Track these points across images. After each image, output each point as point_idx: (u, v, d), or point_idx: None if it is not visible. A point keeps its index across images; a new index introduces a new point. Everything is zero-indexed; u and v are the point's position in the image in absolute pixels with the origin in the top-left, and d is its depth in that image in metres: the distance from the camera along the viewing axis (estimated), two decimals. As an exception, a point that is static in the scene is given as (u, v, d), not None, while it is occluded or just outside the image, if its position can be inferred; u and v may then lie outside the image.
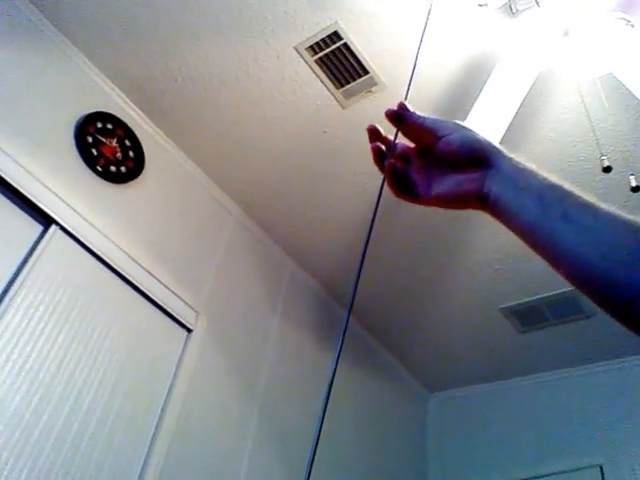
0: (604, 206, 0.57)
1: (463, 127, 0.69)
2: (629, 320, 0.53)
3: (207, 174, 3.01)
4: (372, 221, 0.70)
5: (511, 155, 0.66)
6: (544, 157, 2.70)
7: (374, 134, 0.75)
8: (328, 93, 2.62)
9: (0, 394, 1.92)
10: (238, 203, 3.13)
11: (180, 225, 2.82)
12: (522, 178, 0.63)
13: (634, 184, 2.16)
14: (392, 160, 0.74)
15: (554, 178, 0.62)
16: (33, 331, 2.08)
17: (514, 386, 3.76)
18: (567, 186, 0.60)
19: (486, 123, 2.23)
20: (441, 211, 2.90)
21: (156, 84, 2.69)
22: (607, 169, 2.23)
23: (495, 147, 0.67)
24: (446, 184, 0.68)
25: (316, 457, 0.57)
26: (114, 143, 2.59)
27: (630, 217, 0.55)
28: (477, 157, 0.66)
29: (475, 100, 2.20)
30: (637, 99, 2.23)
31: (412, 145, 0.74)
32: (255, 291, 3.09)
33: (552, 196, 0.60)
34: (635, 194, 2.57)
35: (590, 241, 0.56)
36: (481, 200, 0.66)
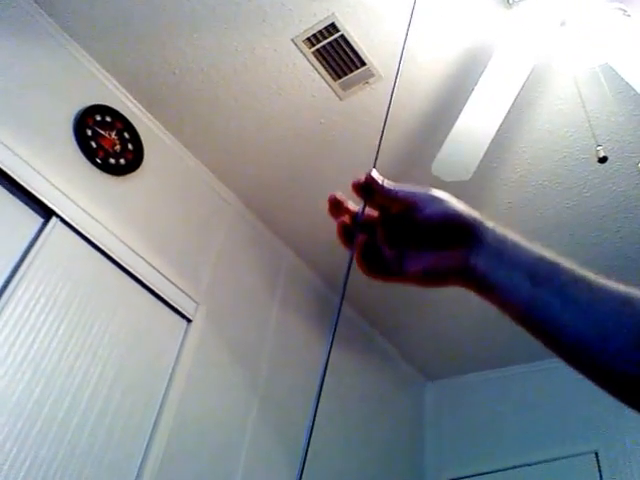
0: (594, 278, 0.54)
1: (441, 199, 0.63)
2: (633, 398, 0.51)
3: (206, 165, 3.03)
4: (362, 211, 0.66)
5: (493, 225, 0.62)
6: (540, 148, 2.72)
7: (335, 205, 0.67)
8: (325, 85, 2.63)
9: (2, 385, 1.94)
10: (237, 194, 3.15)
11: (179, 216, 2.84)
12: (508, 252, 0.59)
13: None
14: (361, 235, 0.67)
15: (539, 247, 0.58)
16: (34, 323, 2.09)
17: (511, 374, 3.78)
18: (554, 256, 0.57)
19: (482, 115, 2.25)
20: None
21: (154, 77, 2.70)
22: (603, 159, 2.24)
23: (476, 219, 0.62)
24: (424, 260, 0.63)
25: (313, 445, 0.56)
26: (113, 136, 2.60)
27: (624, 289, 0.53)
28: (458, 232, 0.61)
29: (471, 92, 2.21)
30: (633, 89, 2.24)
31: (375, 213, 0.67)
32: (254, 282, 3.11)
33: (543, 272, 0.56)
34: (630, 184, 2.60)
35: (588, 322, 0.52)
36: (465, 277, 0.61)
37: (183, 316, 2.62)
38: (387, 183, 0.65)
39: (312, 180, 3.04)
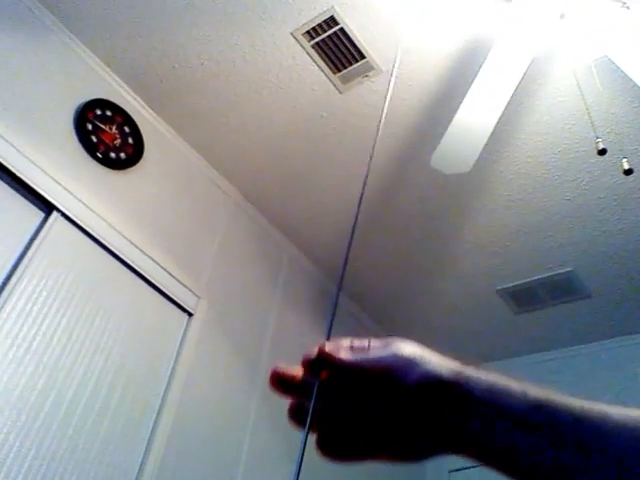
0: (598, 411, 0.48)
1: (414, 361, 0.53)
2: None
3: (206, 159, 3.04)
4: (359, 204, 0.62)
5: (476, 374, 0.52)
6: (539, 141, 2.72)
7: (278, 381, 0.59)
8: (325, 78, 2.64)
9: (6, 378, 1.95)
10: (237, 187, 3.16)
11: (180, 210, 2.85)
12: (502, 409, 0.50)
13: (627, 167, 2.18)
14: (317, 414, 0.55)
15: (532, 390, 0.50)
16: (37, 316, 2.11)
17: (510, 366, 3.80)
18: (551, 396, 0.49)
19: (481, 108, 2.25)
20: (437, 195, 2.91)
21: (154, 71, 2.70)
22: (602, 152, 2.23)
23: (457, 376, 0.52)
24: (403, 436, 0.54)
25: (310, 444, 0.54)
26: (113, 130, 2.61)
27: (632, 417, 0.47)
28: (441, 396, 0.52)
29: (470, 85, 2.22)
30: (632, 82, 2.24)
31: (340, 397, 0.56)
32: (255, 274, 3.13)
33: (540, 422, 0.48)
34: (627, 177, 2.60)
35: (603, 466, 0.45)
36: (456, 446, 0.52)
37: (184, 310, 2.63)
38: (344, 354, 0.55)
39: (312, 173, 3.04)
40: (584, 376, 3.50)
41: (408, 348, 0.54)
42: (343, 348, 0.55)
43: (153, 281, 2.54)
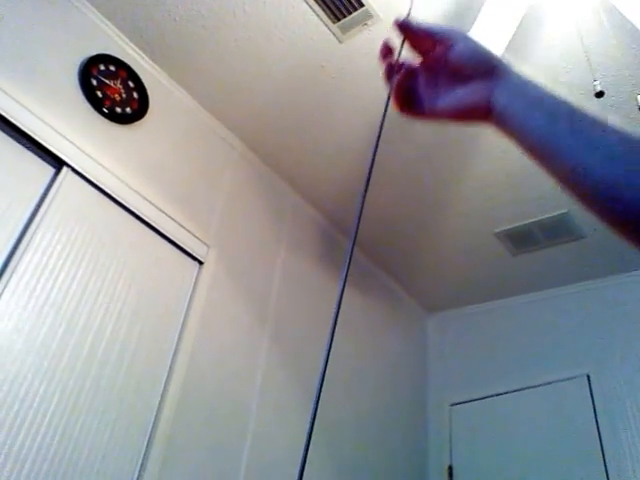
0: (614, 125, 0.56)
1: (470, 38, 0.68)
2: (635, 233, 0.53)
3: (209, 111, 3.07)
4: (376, 145, 0.72)
5: (516, 69, 0.66)
6: (537, 84, 2.74)
7: (387, 49, 0.73)
8: (325, 28, 2.65)
9: (27, 328, 2.04)
10: (241, 138, 3.20)
11: (186, 162, 2.90)
12: (530, 91, 0.62)
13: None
14: (400, 76, 0.72)
15: (560, 95, 0.61)
16: (53, 268, 2.18)
17: (509, 305, 3.91)
18: (574, 104, 0.59)
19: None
20: (436, 142, 2.96)
21: (156, 24, 2.71)
22: (600, 94, 2.26)
23: (502, 60, 0.66)
24: (453, 96, 0.67)
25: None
26: (118, 85, 2.65)
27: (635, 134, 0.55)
28: (486, 68, 0.65)
29: (470, 28, 2.24)
30: (631, 23, 2.25)
31: (418, 62, 0.73)
32: (261, 223, 3.20)
33: (561, 110, 0.59)
34: (626, 119, 2.63)
35: (599, 154, 0.55)
36: (488, 111, 0.64)
37: (195, 259, 2.71)
38: (421, 23, 0.70)
39: (314, 123, 3.08)
40: (580, 313, 3.60)
41: (471, 36, 0.68)
42: (419, 22, 0.70)
43: (164, 232, 2.61)
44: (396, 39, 0.73)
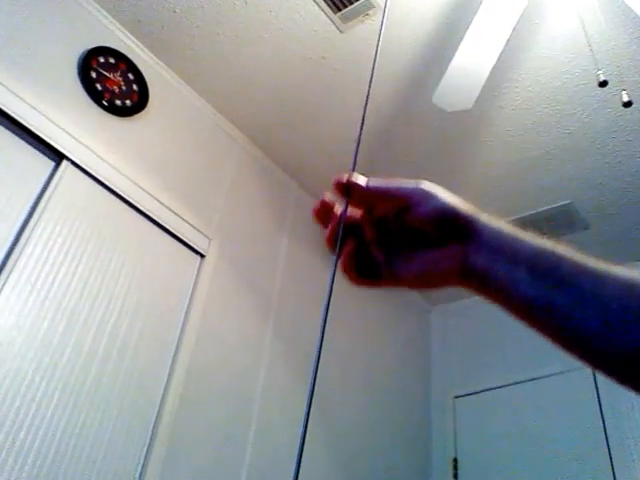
0: (596, 264, 0.51)
1: (434, 194, 0.58)
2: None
3: (210, 103, 3.05)
4: (344, 212, 0.62)
5: (488, 218, 0.58)
6: (540, 75, 2.72)
7: (324, 210, 0.62)
8: (326, 18, 2.63)
9: (28, 323, 2.02)
10: (242, 131, 3.18)
11: (187, 155, 2.88)
12: (508, 247, 0.55)
13: (626, 99, 2.20)
14: (348, 246, 0.61)
15: (535, 237, 0.55)
16: (54, 262, 2.16)
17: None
18: (553, 245, 0.54)
19: (483, 42, 2.25)
20: (437, 133, 2.93)
21: (155, 16, 2.69)
22: (603, 84, 2.25)
23: (472, 214, 0.58)
24: (418, 262, 0.59)
25: (323, 372, 0.56)
26: (117, 77, 2.63)
27: (628, 273, 0.50)
28: (455, 229, 0.57)
29: (472, 19, 2.22)
30: (634, 13, 2.24)
31: (359, 213, 0.62)
32: (263, 215, 3.19)
33: (544, 264, 0.53)
34: (627, 109, 2.62)
35: (593, 310, 0.49)
36: (463, 276, 0.57)
37: (196, 252, 2.70)
38: (372, 182, 0.59)
39: (315, 114, 3.06)
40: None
41: (431, 185, 0.59)
42: (371, 178, 0.60)
43: (165, 225, 2.59)
44: (339, 200, 0.61)
